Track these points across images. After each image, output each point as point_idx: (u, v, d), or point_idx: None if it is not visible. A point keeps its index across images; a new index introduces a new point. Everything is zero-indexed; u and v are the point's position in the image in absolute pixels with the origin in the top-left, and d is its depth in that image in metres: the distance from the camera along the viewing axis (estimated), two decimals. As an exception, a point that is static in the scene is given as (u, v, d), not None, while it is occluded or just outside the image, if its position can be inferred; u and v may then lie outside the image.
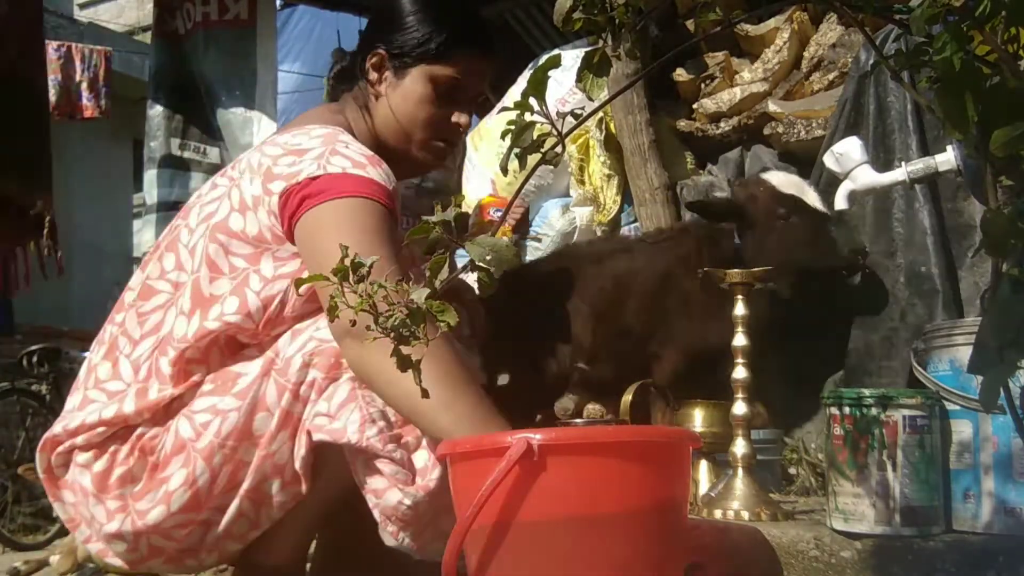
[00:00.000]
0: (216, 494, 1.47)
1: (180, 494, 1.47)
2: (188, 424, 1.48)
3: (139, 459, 1.51)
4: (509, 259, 0.81)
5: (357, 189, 1.46)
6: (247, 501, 1.48)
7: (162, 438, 1.50)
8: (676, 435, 1.29)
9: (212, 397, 1.49)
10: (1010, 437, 1.45)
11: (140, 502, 1.50)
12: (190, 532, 1.50)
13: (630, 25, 0.82)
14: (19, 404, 5.45)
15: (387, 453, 1.41)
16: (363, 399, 1.42)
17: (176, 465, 1.48)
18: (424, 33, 1.62)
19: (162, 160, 4.07)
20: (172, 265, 1.59)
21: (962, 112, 0.79)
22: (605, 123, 3.13)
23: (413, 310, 0.80)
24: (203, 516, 1.49)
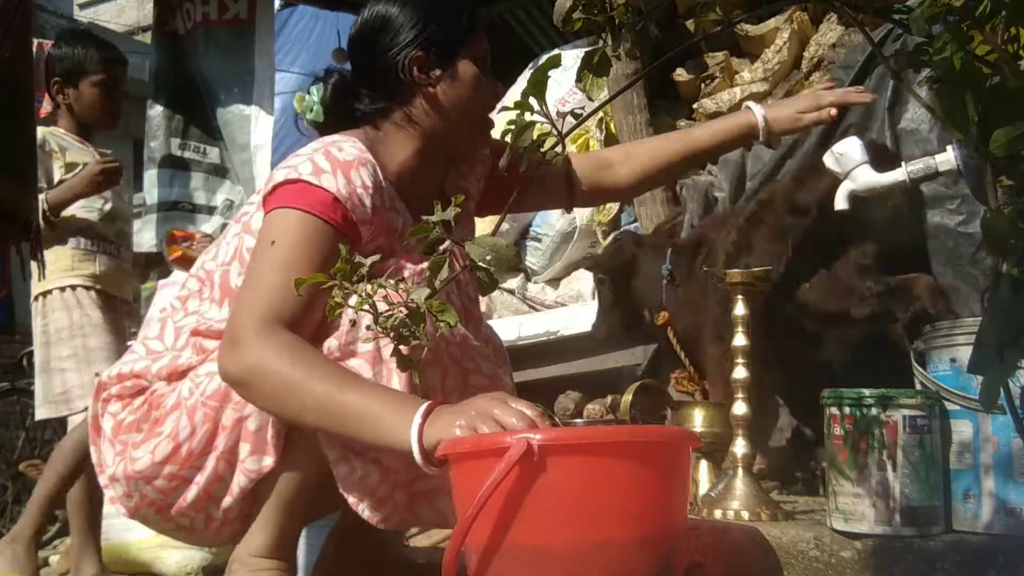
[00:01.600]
0: (195, 451, 1.55)
1: (164, 445, 1.56)
2: (189, 384, 1.58)
3: (146, 412, 1.62)
4: (509, 259, 0.81)
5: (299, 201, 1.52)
6: (223, 462, 1.55)
7: (167, 396, 1.60)
8: (676, 435, 1.29)
9: (211, 363, 1.56)
10: (1010, 437, 1.45)
11: (136, 450, 1.59)
12: (175, 487, 1.58)
13: (630, 25, 0.82)
14: (19, 404, 5.46)
15: None
16: None
17: (170, 420, 1.57)
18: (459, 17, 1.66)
19: (162, 160, 4.06)
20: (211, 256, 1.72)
21: (962, 112, 0.79)
22: (605, 123, 3.14)
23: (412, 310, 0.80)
24: (184, 472, 1.56)
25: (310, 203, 1.52)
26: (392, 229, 1.63)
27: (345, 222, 1.53)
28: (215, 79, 4.04)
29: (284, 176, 1.55)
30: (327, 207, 1.52)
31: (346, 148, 1.58)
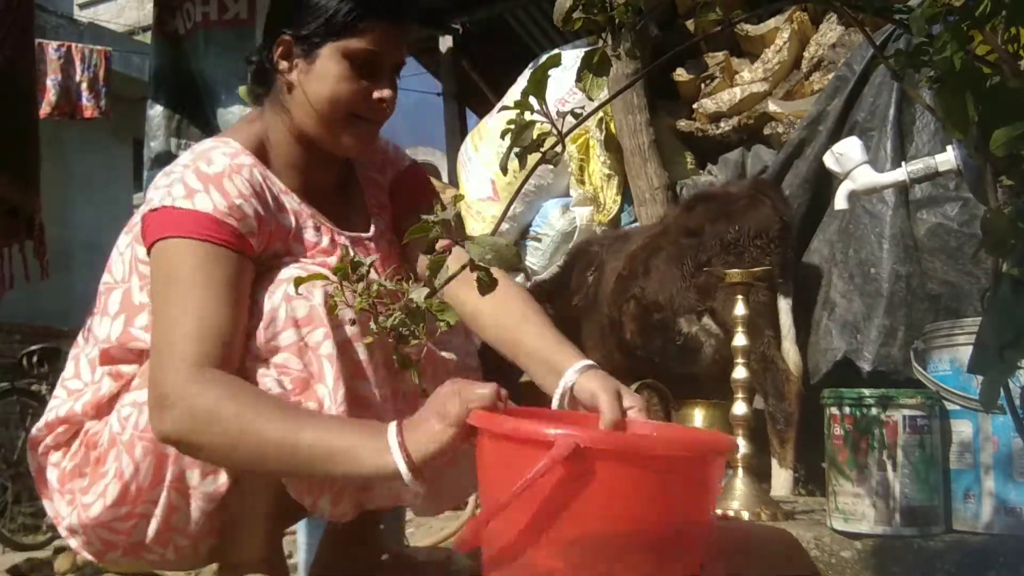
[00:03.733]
0: (144, 487, 1.46)
1: (112, 487, 1.48)
2: (116, 418, 1.49)
3: (85, 454, 1.54)
4: (509, 259, 0.81)
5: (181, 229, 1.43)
6: (174, 492, 1.47)
7: (101, 433, 1.52)
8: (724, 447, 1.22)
9: (135, 392, 1.50)
10: (1010, 437, 1.45)
11: (86, 496, 1.51)
12: (134, 525, 1.50)
13: (630, 25, 0.82)
14: (19, 404, 5.45)
15: None
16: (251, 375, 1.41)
17: (111, 459, 1.49)
18: (330, 8, 1.51)
19: (162, 160, 4.07)
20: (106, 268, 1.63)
21: (962, 112, 0.79)
22: (605, 123, 3.14)
23: (412, 309, 0.80)
24: (139, 509, 1.48)
25: (193, 228, 1.43)
26: (286, 229, 1.55)
27: (234, 238, 1.45)
28: (215, 79, 4.04)
29: (159, 201, 1.47)
30: (211, 228, 1.43)
31: (216, 159, 1.50)
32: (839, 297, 2.24)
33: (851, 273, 2.23)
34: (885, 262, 2.16)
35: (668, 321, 2.29)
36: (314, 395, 1.41)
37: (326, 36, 1.52)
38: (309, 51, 1.53)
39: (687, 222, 2.30)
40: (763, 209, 2.20)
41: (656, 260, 2.31)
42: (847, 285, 2.23)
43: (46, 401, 5.64)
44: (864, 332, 2.15)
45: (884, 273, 2.16)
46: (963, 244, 2.14)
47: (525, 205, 3.39)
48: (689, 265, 2.22)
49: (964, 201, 2.15)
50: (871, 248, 2.20)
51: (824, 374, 2.19)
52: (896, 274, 2.15)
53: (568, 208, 3.33)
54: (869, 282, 2.19)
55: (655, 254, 2.32)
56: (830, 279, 2.30)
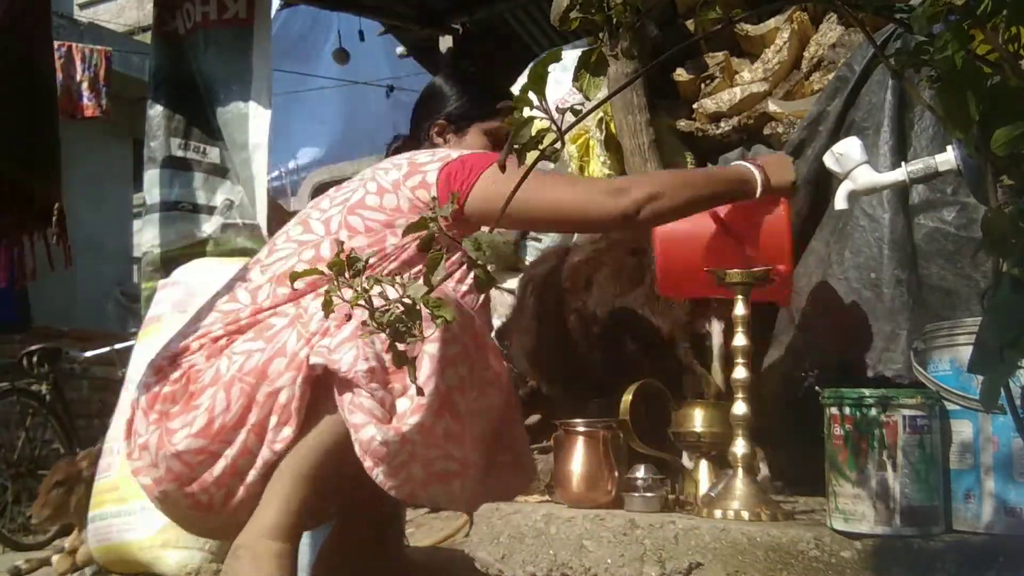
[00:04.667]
0: (228, 425, 1.61)
1: (200, 418, 1.62)
2: (226, 361, 1.65)
3: (183, 385, 1.68)
4: (508, 257, 0.81)
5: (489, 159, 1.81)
6: (252, 435, 1.61)
7: (205, 371, 1.67)
8: None
9: (249, 342, 1.66)
10: (1011, 437, 1.45)
11: (171, 422, 1.66)
12: (202, 461, 1.63)
13: (628, 24, 0.82)
14: (19, 404, 5.45)
15: (369, 389, 1.54)
16: (362, 340, 1.55)
17: (207, 396, 1.63)
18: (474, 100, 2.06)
19: (162, 160, 4.06)
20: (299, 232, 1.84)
21: (963, 111, 0.79)
22: (605, 123, 3.13)
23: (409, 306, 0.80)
24: (214, 446, 1.62)
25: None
26: None
27: None
28: (215, 79, 4.04)
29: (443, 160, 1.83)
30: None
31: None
32: (835, 300, 2.24)
33: (847, 276, 2.23)
34: (885, 267, 2.16)
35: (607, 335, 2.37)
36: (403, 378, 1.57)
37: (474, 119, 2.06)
38: (459, 130, 2.06)
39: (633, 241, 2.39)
40: None
41: (597, 275, 2.40)
42: (844, 288, 2.23)
43: (46, 401, 5.69)
44: (864, 337, 2.15)
45: (885, 278, 2.16)
46: (960, 248, 2.14)
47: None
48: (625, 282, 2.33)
49: (961, 205, 2.15)
50: (870, 252, 2.20)
51: (824, 378, 2.18)
52: (896, 279, 2.14)
53: (568, 208, 3.33)
54: (868, 287, 2.19)
55: (597, 269, 2.42)
56: (825, 281, 2.30)
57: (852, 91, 2.38)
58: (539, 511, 1.84)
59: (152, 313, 3.15)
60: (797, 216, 2.48)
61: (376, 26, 6.34)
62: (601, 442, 1.95)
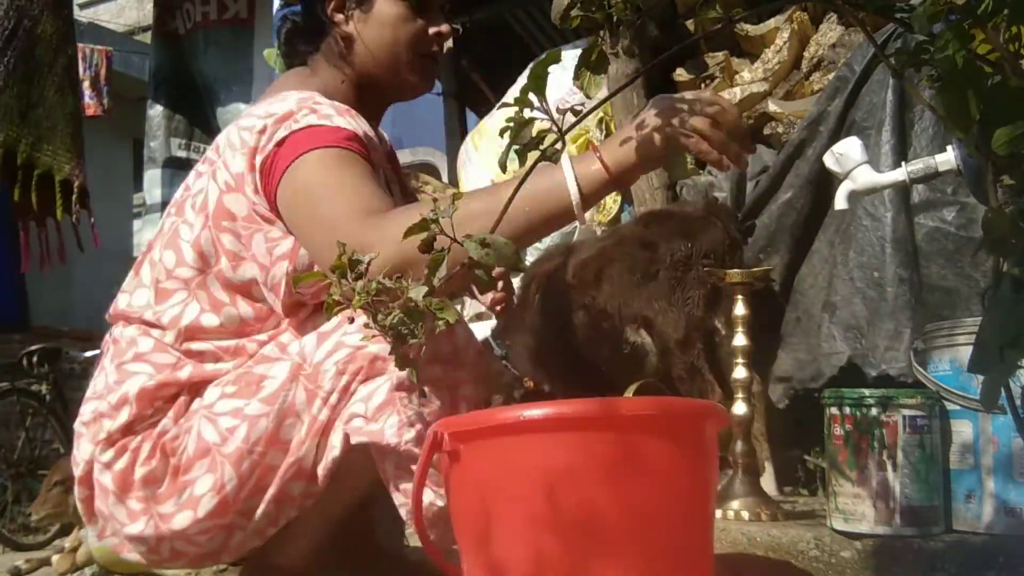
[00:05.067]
0: (243, 499, 1.45)
1: (208, 499, 1.44)
2: (212, 428, 1.45)
3: (161, 460, 1.48)
4: (508, 257, 0.80)
5: (324, 140, 1.43)
6: (272, 504, 1.46)
7: (183, 439, 1.47)
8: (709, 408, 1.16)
9: (236, 400, 1.46)
10: (1011, 437, 1.45)
11: (163, 505, 1.47)
12: (212, 536, 1.48)
13: (628, 22, 0.82)
14: (19, 404, 5.45)
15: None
16: (400, 402, 1.39)
17: (201, 469, 1.45)
18: None
19: (162, 160, 4.07)
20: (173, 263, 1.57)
21: (964, 111, 0.79)
22: (605, 123, 3.13)
23: (411, 308, 0.79)
24: (227, 520, 1.47)
25: (334, 139, 1.44)
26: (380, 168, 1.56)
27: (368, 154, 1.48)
28: (215, 79, 4.04)
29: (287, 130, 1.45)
30: (353, 140, 1.45)
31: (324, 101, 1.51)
32: (840, 300, 2.24)
33: (852, 276, 2.23)
34: (888, 265, 2.16)
35: (616, 330, 2.34)
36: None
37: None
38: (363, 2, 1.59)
39: (644, 235, 2.37)
40: (714, 230, 2.28)
41: (609, 270, 2.36)
42: (848, 288, 2.23)
43: (46, 401, 5.68)
44: (868, 336, 2.15)
45: (887, 276, 2.16)
46: (960, 248, 2.14)
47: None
48: (638, 276, 2.29)
49: (961, 205, 2.15)
50: (873, 251, 2.20)
51: (828, 378, 2.18)
52: (899, 277, 2.14)
53: (568, 208, 3.32)
54: (872, 286, 2.19)
55: (608, 264, 2.38)
56: (830, 281, 2.30)
57: (852, 91, 2.38)
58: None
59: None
60: (799, 216, 2.48)
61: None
62: None
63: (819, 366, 2.22)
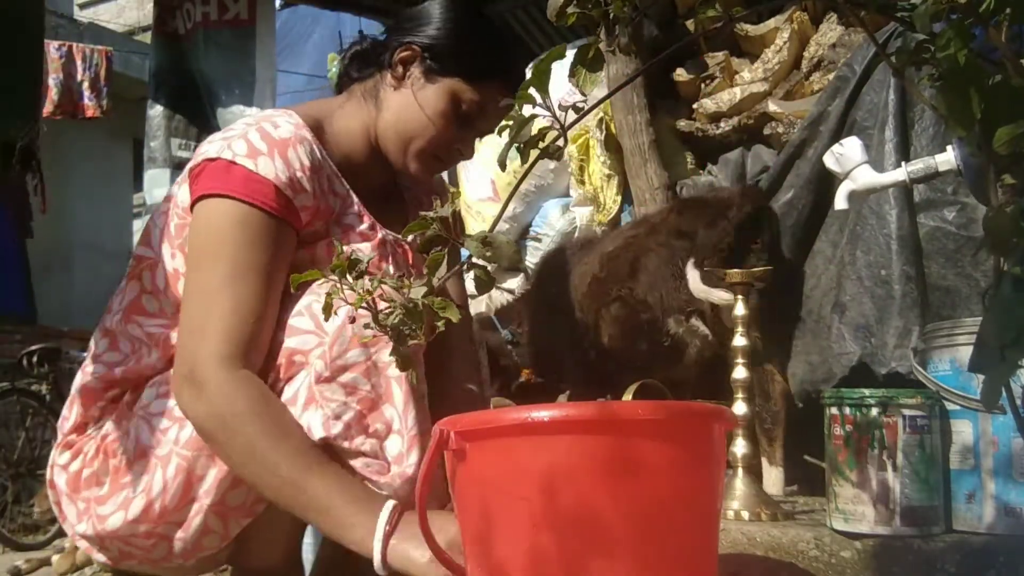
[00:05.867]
0: (170, 507, 1.43)
1: (137, 502, 1.44)
2: (147, 428, 1.46)
3: (103, 462, 1.49)
4: (509, 256, 0.80)
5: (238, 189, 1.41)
6: (212, 516, 1.44)
7: (123, 442, 1.48)
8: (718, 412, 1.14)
9: (167, 400, 1.45)
10: (1011, 437, 1.45)
11: (103, 506, 1.47)
12: (155, 544, 1.46)
13: (625, 19, 0.82)
14: (19, 404, 5.45)
15: (356, 447, 1.37)
16: (321, 396, 1.37)
17: (137, 471, 1.45)
18: (468, 49, 1.55)
19: (162, 160, 4.07)
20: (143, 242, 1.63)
21: (965, 110, 0.79)
22: (605, 123, 3.13)
23: (411, 308, 0.79)
24: (161, 529, 1.45)
25: (249, 192, 1.40)
26: (330, 209, 1.53)
27: (288, 210, 1.43)
28: (215, 79, 4.04)
29: (216, 151, 1.43)
30: (268, 196, 1.41)
31: (281, 124, 1.48)
32: (849, 300, 2.24)
33: (860, 275, 2.23)
34: (895, 264, 2.16)
35: (656, 322, 2.28)
36: (382, 416, 1.38)
37: (453, 72, 1.53)
38: (431, 73, 1.54)
39: (679, 224, 2.31)
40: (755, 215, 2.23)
41: (644, 260, 2.30)
42: (857, 288, 2.23)
43: (46, 401, 5.70)
44: (878, 335, 2.15)
45: (895, 274, 2.16)
46: (961, 247, 2.14)
47: (525, 205, 3.39)
48: (680, 266, 2.22)
49: (962, 205, 2.15)
50: (880, 250, 2.20)
51: (840, 378, 2.18)
52: (907, 275, 2.14)
53: (568, 208, 3.32)
54: (880, 284, 2.19)
55: (643, 254, 2.31)
56: (839, 281, 2.30)
57: (853, 90, 2.38)
58: (539, 511, 1.84)
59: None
60: (800, 216, 2.48)
61: (376, 26, 6.35)
62: None
63: (830, 367, 2.21)
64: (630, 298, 2.31)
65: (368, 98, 1.60)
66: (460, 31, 1.56)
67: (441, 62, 1.54)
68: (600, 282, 2.36)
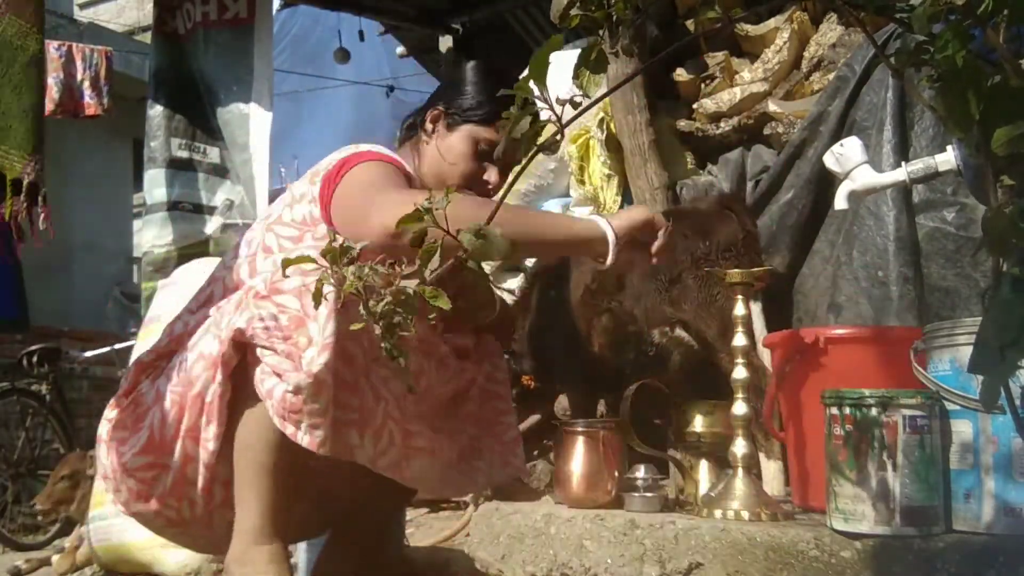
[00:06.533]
0: (167, 437, 1.62)
1: (142, 435, 1.65)
2: (163, 379, 1.67)
3: (132, 410, 1.71)
4: (503, 249, 0.80)
5: (379, 156, 1.74)
6: (189, 441, 1.61)
7: (149, 393, 1.69)
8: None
9: (177, 355, 1.68)
10: (1011, 437, 1.45)
11: (124, 445, 1.68)
12: (156, 476, 1.65)
13: (628, 21, 0.82)
14: (19, 404, 5.44)
15: (270, 344, 1.50)
16: (255, 304, 1.53)
17: (150, 415, 1.66)
18: (477, 100, 1.87)
19: (163, 160, 4.07)
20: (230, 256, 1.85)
21: (964, 111, 0.79)
22: (605, 123, 3.13)
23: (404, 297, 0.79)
24: (160, 459, 1.64)
25: (384, 157, 1.74)
26: None
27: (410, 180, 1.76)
28: (215, 79, 4.04)
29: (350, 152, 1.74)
30: (399, 164, 1.76)
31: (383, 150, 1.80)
32: (845, 300, 2.24)
33: (856, 276, 2.23)
34: (892, 265, 2.16)
35: (641, 333, 2.33)
36: (306, 332, 1.51)
37: (467, 119, 1.86)
38: (451, 125, 1.88)
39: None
40: (729, 223, 2.28)
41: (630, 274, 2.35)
42: (853, 288, 2.23)
43: (46, 401, 5.68)
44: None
45: (892, 276, 2.16)
46: (960, 248, 2.14)
47: (525, 205, 3.39)
48: (663, 279, 2.27)
49: (961, 206, 2.15)
50: (877, 251, 2.20)
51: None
52: (904, 276, 2.14)
53: (568, 208, 3.32)
54: (877, 285, 2.19)
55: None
56: (834, 282, 2.30)
57: (853, 91, 2.38)
58: (539, 511, 1.84)
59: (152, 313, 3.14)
60: (800, 216, 2.48)
61: (376, 26, 6.34)
62: (601, 442, 1.95)
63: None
64: (618, 310, 2.35)
65: (413, 150, 1.92)
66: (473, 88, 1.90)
67: (457, 114, 1.88)
68: (592, 293, 2.41)
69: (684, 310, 2.25)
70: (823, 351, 1.78)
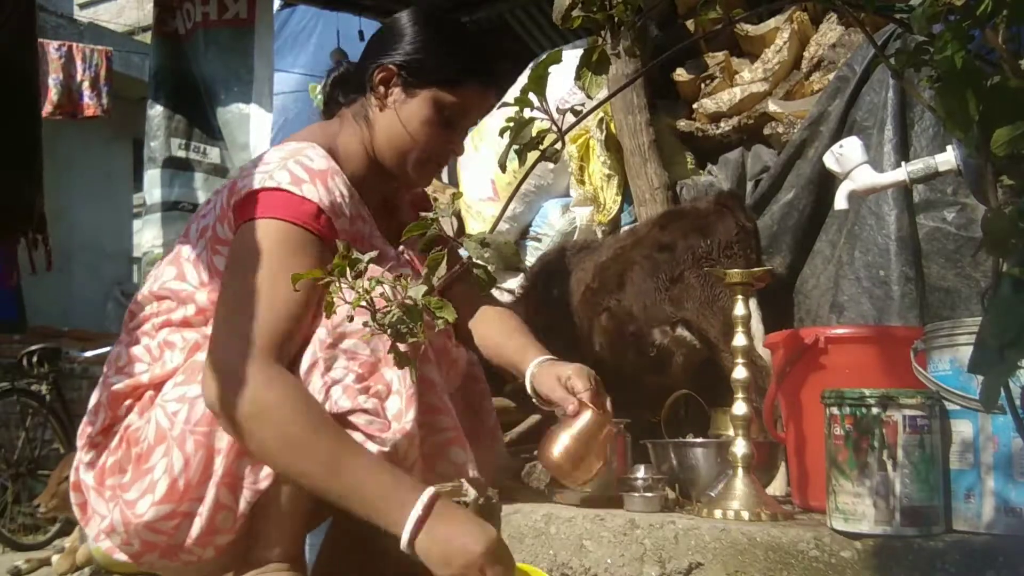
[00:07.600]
0: (193, 483, 1.49)
1: (161, 483, 1.49)
2: (163, 413, 1.52)
3: (125, 450, 1.56)
4: (508, 256, 0.81)
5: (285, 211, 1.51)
6: (223, 488, 1.49)
7: (144, 429, 1.54)
8: None
9: (182, 387, 1.53)
10: (1011, 437, 1.45)
11: (128, 492, 1.53)
12: (177, 525, 1.51)
13: (629, 23, 0.82)
14: (19, 404, 5.45)
15: (358, 405, 1.44)
16: (323, 363, 1.46)
17: (158, 455, 1.51)
18: (439, 59, 1.66)
19: (163, 160, 4.07)
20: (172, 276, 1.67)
21: (963, 111, 0.79)
22: (605, 123, 3.13)
23: (410, 307, 0.80)
24: (184, 507, 1.50)
25: (295, 214, 1.51)
26: (361, 237, 1.65)
27: (328, 229, 1.53)
28: (215, 79, 4.04)
29: (260, 183, 1.53)
30: (311, 217, 1.52)
31: (315, 158, 1.59)
32: (847, 300, 2.24)
33: (858, 276, 2.23)
34: (894, 264, 2.16)
35: (642, 333, 2.34)
36: (382, 378, 1.47)
37: (430, 82, 1.65)
38: (409, 87, 1.66)
39: (660, 237, 2.37)
40: (727, 221, 2.28)
41: (631, 273, 2.36)
42: (855, 288, 2.23)
43: (46, 401, 5.70)
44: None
45: (894, 276, 2.16)
46: (960, 248, 2.14)
47: (525, 205, 3.39)
48: (663, 278, 2.28)
49: (962, 205, 2.15)
50: (879, 251, 2.20)
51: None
52: (905, 276, 2.14)
53: (568, 208, 3.32)
54: (878, 285, 2.19)
55: (629, 267, 2.37)
56: (836, 282, 2.30)
57: (853, 91, 2.38)
58: (539, 511, 1.84)
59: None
60: (800, 217, 2.48)
61: (376, 26, 6.34)
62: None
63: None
64: (618, 309, 2.35)
65: (359, 120, 1.71)
66: (430, 43, 1.67)
67: (416, 76, 1.66)
68: (593, 292, 2.42)
69: (686, 309, 2.25)
70: (823, 351, 1.77)
